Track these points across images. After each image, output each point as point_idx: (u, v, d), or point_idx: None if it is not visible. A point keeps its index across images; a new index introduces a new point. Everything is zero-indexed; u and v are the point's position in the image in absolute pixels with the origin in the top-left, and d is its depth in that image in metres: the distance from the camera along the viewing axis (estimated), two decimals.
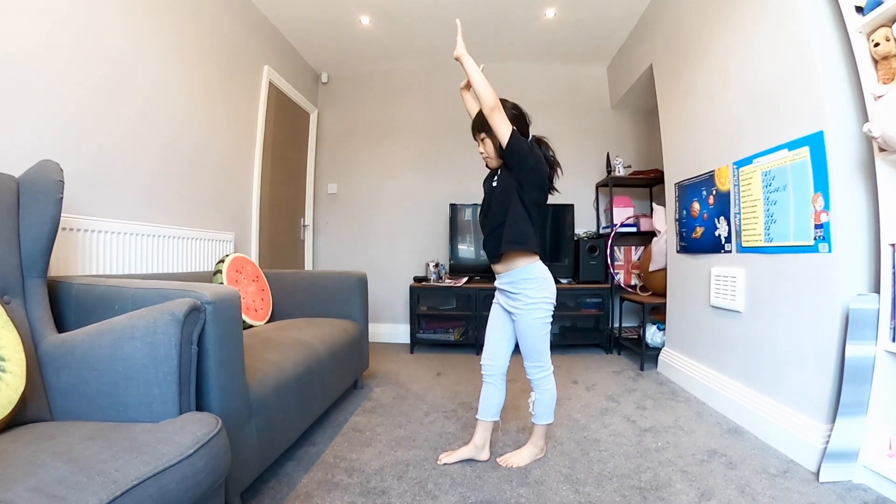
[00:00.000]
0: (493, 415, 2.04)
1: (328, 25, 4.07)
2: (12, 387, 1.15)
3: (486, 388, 2.05)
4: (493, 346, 2.06)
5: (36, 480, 0.85)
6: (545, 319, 1.95)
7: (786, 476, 1.84)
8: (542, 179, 1.94)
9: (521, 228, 1.89)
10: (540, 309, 1.93)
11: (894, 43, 1.68)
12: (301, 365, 2.01)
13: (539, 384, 2.00)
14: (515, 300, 1.94)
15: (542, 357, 1.98)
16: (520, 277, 1.92)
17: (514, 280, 1.94)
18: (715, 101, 2.74)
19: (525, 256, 1.93)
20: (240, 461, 1.47)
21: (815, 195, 1.99)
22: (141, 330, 1.22)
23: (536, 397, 2.01)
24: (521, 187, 1.90)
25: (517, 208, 1.90)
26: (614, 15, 3.86)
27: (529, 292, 1.91)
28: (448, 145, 4.87)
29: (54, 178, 1.50)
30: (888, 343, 1.72)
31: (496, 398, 2.05)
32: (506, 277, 1.97)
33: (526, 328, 1.94)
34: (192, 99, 2.90)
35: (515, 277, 1.93)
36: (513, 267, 1.94)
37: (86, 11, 2.09)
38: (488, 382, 2.05)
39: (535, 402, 2.01)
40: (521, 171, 1.89)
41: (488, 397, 2.05)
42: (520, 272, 1.92)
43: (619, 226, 4.20)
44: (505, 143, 1.85)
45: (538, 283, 1.92)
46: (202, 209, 3.02)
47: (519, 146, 1.86)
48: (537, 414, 2.01)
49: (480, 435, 2.04)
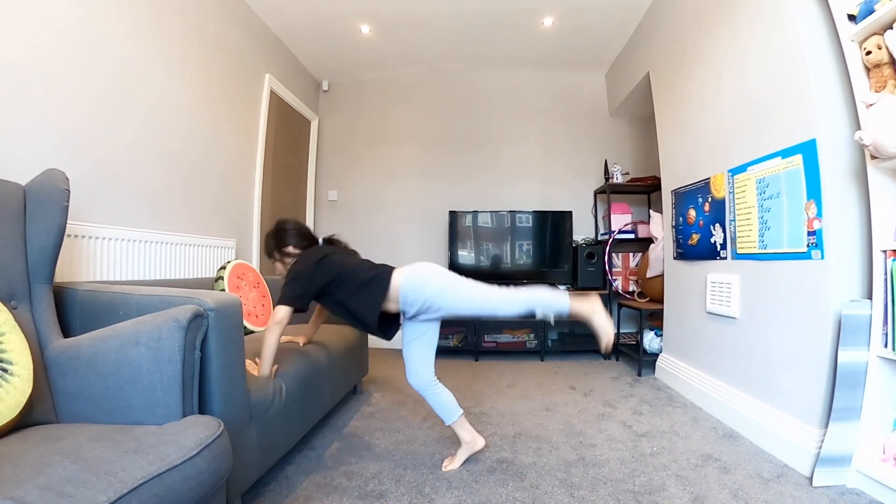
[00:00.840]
0: (455, 412, 2.04)
1: (329, 34, 4.13)
2: (20, 389, 1.18)
3: (437, 397, 2.06)
4: (417, 361, 2.08)
5: (45, 479, 0.88)
6: (457, 292, 1.99)
7: (779, 481, 1.86)
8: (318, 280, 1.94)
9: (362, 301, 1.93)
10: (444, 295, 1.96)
11: (886, 51, 1.70)
12: (301, 370, 2.03)
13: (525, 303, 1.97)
14: (427, 313, 1.99)
15: (496, 301, 1.98)
16: (409, 301, 1.94)
17: (407, 305, 1.96)
18: (710, 109, 2.78)
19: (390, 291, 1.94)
20: (241, 464, 1.50)
21: (807, 202, 2.02)
22: (146, 335, 1.25)
23: (542, 312, 1.96)
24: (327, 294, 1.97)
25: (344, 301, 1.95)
26: (611, 23, 3.91)
27: (421, 299, 1.94)
28: (447, 152, 4.91)
29: (60, 187, 1.53)
30: (880, 349, 1.74)
31: (446, 399, 2.06)
32: (406, 308, 1.99)
33: (460, 308, 1.98)
34: (195, 107, 2.94)
35: (406, 303, 1.95)
36: (397, 300, 1.96)
37: (90, 22, 2.14)
38: (428, 394, 2.06)
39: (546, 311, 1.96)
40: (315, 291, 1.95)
41: (440, 403, 2.05)
42: (405, 298, 1.94)
43: (616, 232, 4.23)
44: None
45: (419, 290, 1.94)
46: (204, 216, 3.05)
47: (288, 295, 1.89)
48: (556, 311, 1.96)
49: (464, 432, 2.04)
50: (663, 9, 3.40)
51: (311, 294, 1.92)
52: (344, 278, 1.95)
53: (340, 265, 1.99)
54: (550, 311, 1.94)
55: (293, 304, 1.87)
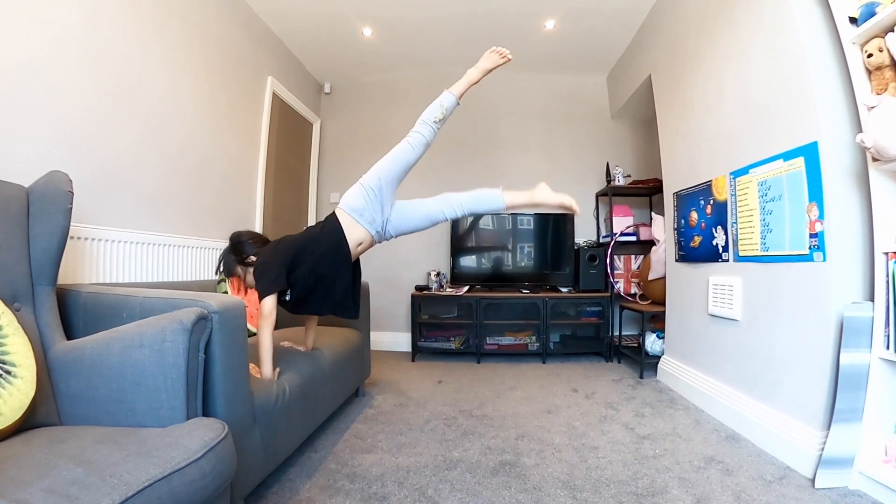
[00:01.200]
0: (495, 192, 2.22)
1: (331, 37, 4.14)
2: (23, 392, 1.19)
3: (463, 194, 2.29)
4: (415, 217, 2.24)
5: (50, 481, 0.88)
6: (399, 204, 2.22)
7: (782, 482, 1.86)
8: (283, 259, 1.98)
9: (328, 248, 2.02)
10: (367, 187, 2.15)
11: (887, 54, 1.70)
12: (303, 373, 2.04)
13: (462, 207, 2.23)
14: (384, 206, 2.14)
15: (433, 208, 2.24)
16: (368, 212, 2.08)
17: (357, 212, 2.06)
18: (712, 112, 2.78)
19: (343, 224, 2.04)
20: (244, 466, 1.50)
21: (809, 205, 2.02)
22: (150, 338, 1.25)
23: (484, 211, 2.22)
24: (297, 268, 1.99)
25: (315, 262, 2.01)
26: (613, 26, 3.92)
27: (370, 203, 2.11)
28: (448, 155, 4.91)
29: (64, 189, 1.54)
30: (882, 350, 1.75)
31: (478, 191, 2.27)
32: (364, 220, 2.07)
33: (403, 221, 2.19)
34: (198, 109, 2.95)
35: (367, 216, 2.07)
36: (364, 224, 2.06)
37: (93, 24, 2.14)
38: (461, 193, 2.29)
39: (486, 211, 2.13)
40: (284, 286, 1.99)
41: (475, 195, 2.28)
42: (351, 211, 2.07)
43: (618, 235, 4.23)
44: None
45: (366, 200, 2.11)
46: (206, 218, 3.05)
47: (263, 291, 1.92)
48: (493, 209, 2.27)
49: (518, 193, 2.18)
50: (665, 11, 3.41)
51: (282, 273, 1.95)
52: (304, 245, 2.02)
53: (294, 239, 2.06)
54: (488, 211, 2.08)
55: (273, 289, 1.91)
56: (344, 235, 2.00)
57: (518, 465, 2.06)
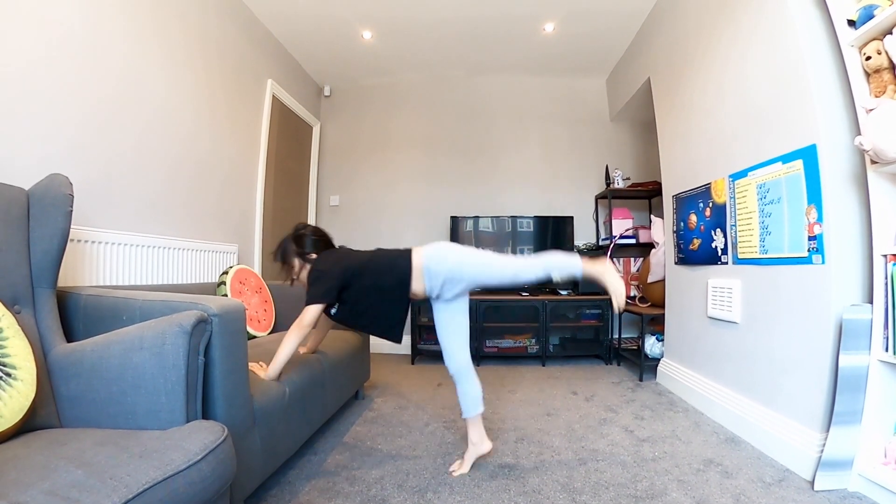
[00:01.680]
0: (476, 408, 2.08)
1: (330, 40, 4.15)
2: (23, 394, 1.19)
3: (468, 385, 2.10)
4: (451, 345, 2.11)
5: (50, 484, 0.88)
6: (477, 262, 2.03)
7: (781, 485, 1.86)
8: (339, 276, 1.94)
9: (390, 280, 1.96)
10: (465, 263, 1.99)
11: (886, 56, 1.71)
12: (303, 375, 2.04)
13: (542, 268, 2.00)
14: (451, 284, 1.98)
15: (515, 269, 2.04)
16: (432, 274, 1.96)
17: (432, 279, 1.96)
18: (711, 115, 2.79)
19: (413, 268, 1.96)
20: (244, 469, 1.50)
21: (808, 207, 2.02)
22: (150, 340, 1.25)
23: (559, 275, 1.99)
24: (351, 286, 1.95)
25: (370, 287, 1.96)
26: (612, 29, 3.93)
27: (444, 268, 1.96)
28: (449, 158, 4.93)
29: (64, 192, 1.54)
30: (881, 353, 1.75)
31: (474, 391, 2.09)
32: (429, 283, 1.98)
33: (481, 276, 2.01)
34: (197, 112, 2.96)
35: (431, 277, 1.96)
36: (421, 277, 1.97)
37: (92, 27, 2.15)
38: (462, 380, 2.10)
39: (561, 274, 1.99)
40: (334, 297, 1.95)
41: (468, 394, 2.09)
42: (429, 273, 1.96)
43: (618, 237, 4.24)
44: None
45: (441, 262, 1.96)
46: (206, 221, 3.06)
47: (314, 299, 1.90)
48: (570, 274, 2.01)
49: (474, 431, 2.07)
50: (664, 14, 3.42)
51: (336, 288, 1.92)
52: (369, 268, 1.97)
53: (360, 256, 2.03)
54: (565, 273, 1.99)
55: (322, 301, 1.88)
56: (409, 280, 1.95)
57: (517, 467, 2.06)
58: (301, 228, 2.15)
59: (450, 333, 2.10)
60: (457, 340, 2.10)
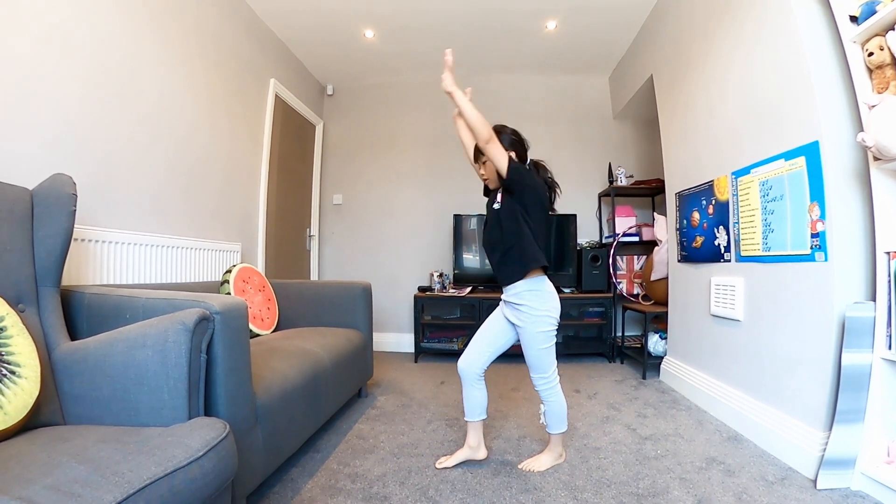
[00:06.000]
0: (479, 414, 2.09)
1: (333, 39, 4.15)
2: (27, 391, 1.20)
3: (475, 391, 2.10)
4: (477, 350, 2.11)
5: (53, 479, 0.89)
6: (549, 332, 1.99)
7: (783, 483, 1.86)
8: (542, 200, 2.00)
9: (529, 253, 1.95)
10: (543, 321, 1.97)
11: (888, 52, 1.69)
12: (306, 373, 2.05)
13: (546, 395, 2.05)
14: (520, 311, 1.98)
15: (546, 369, 2.02)
16: (525, 289, 1.97)
17: (520, 291, 1.98)
18: (714, 112, 2.78)
19: (536, 270, 1.98)
20: (246, 466, 1.51)
21: (811, 204, 2.01)
22: (152, 338, 1.26)
23: (546, 408, 2.06)
24: (526, 211, 1.96)
25: (523, 231, 1.95)
26: (615, 26, 3.92)
27: (534, 303, 1.96)
28: (452, 156, 4.92)
29: (68, 191, 1.55)
30: (884, 351, 1.74)
31: (479, 398, 2.10)
32: (512, 289, 2.01)
33: (531, 340, 1.98)
34: (199, 112, 2.97)
35: (521, 289, 1.98)
36: (524, 281, 1.98)
37: (88, 23, 2.14)
38: (469, 384, 2.10)
39: (546, 414, 2.06)
40: (522, 196, 1.95)
41: (471, 398, 2.10)
42: (525, 283, 1.97)
43: (621, 235, 4.23)
44: (504, 172, 1.91)
45: (542, 295, 1.97)
46: (209, 220, 3.07)
47: (518, 175, 1.93)
48: (549, 424, 2.06)
49: (473, 436, 2.09)
50: (667, 11, 3.41)
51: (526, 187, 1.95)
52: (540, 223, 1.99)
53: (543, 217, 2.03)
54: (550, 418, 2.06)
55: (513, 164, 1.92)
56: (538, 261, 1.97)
57: (519, 465, 2.06)
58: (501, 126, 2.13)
59: (487, 341, 2.12)
60: (486, 351, 2.11)
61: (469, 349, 2.13)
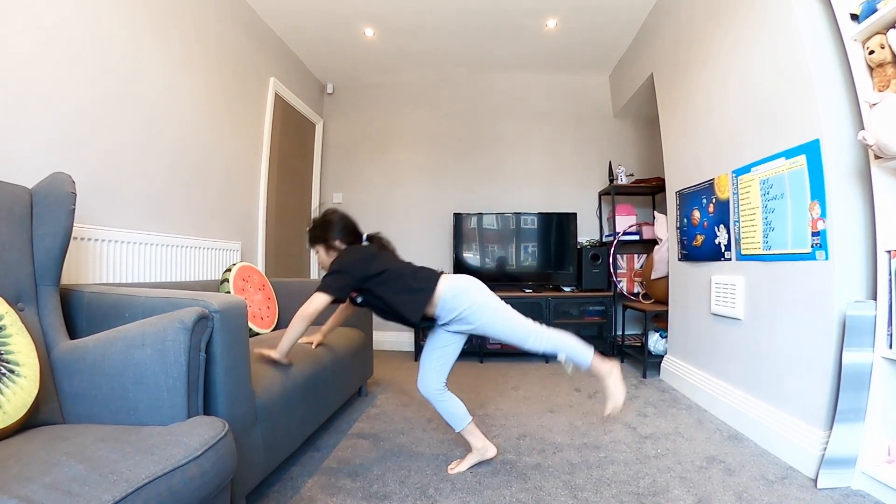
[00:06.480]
0: (463, 420, 2.04)
1: (333, 38, 4.15)
2: (26, 390, 1.20)
3: (444, 404, 2.05)
4: (429, 369, 2.05)
5: (51, 478, 0.89)
6: (496, 307, 1.97)
7: (784, 482, 1.86)
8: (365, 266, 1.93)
9: (414, 290, 1.91)
10: (484, 307, 1.94)
11: (889, 50, 1.69)
12: (306, 372, 2.04)
13: (551, 341, 1.96)
14: (462, 318, 1.94)
15: (528, 333, 1.96)
16: (447, 306, 1.92)
17: (447, 309, 1.93)
18: (714, 110, 2.77)
19: (432, 297, 1.92)
20: (245, 464, 1.51)
21: (811, 203, 2.01)
22: (151, 337, 1.26)
23: (562, 353, 1.96)
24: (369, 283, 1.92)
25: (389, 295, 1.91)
26: (615, 25, 3.91)
27: (463, 303, 1.92)
28: (451, 155, 4.93)
29: (67, 190, 1.55)
30: (885, 350, 1.73)
31: (454, 407, 2.05)
32: (441, 317, 1.96)
33: (493, 326, 1.96)
34: (199, 110, 2.96)
35: (445, 308, 1.93)
36: (436, 304, 1.93)
37: (88, 23, 2.14)
38: (436, 401, 2.05)
39: (566, 350, 1.96)
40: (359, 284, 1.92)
41: (447, 411, 2.05)
42: (441, 303, 1.92)
43: (621, 234, 4.23)
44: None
45: (458, 294, 1.93)
46: (209, 219, 3.07)
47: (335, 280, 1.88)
48: (575, 356, 1.96)
49: (473, 439, 2.06)
50: (667, 10, 3.40)
51: (351, 287, 1.91)
52: (389, 277, 1.93)
53: (386, 265, 1.97)
54: (572, 359, 1.96)
55: (334, 294, 1.84)
56: (425, 307, 1.91)
57: (519, 464, 2.06)
58: (329, 215, 2.13)
59: (434, 359, 2.05)
60: (435, 367, 2.05)
61: (421, 371, 2.07)
